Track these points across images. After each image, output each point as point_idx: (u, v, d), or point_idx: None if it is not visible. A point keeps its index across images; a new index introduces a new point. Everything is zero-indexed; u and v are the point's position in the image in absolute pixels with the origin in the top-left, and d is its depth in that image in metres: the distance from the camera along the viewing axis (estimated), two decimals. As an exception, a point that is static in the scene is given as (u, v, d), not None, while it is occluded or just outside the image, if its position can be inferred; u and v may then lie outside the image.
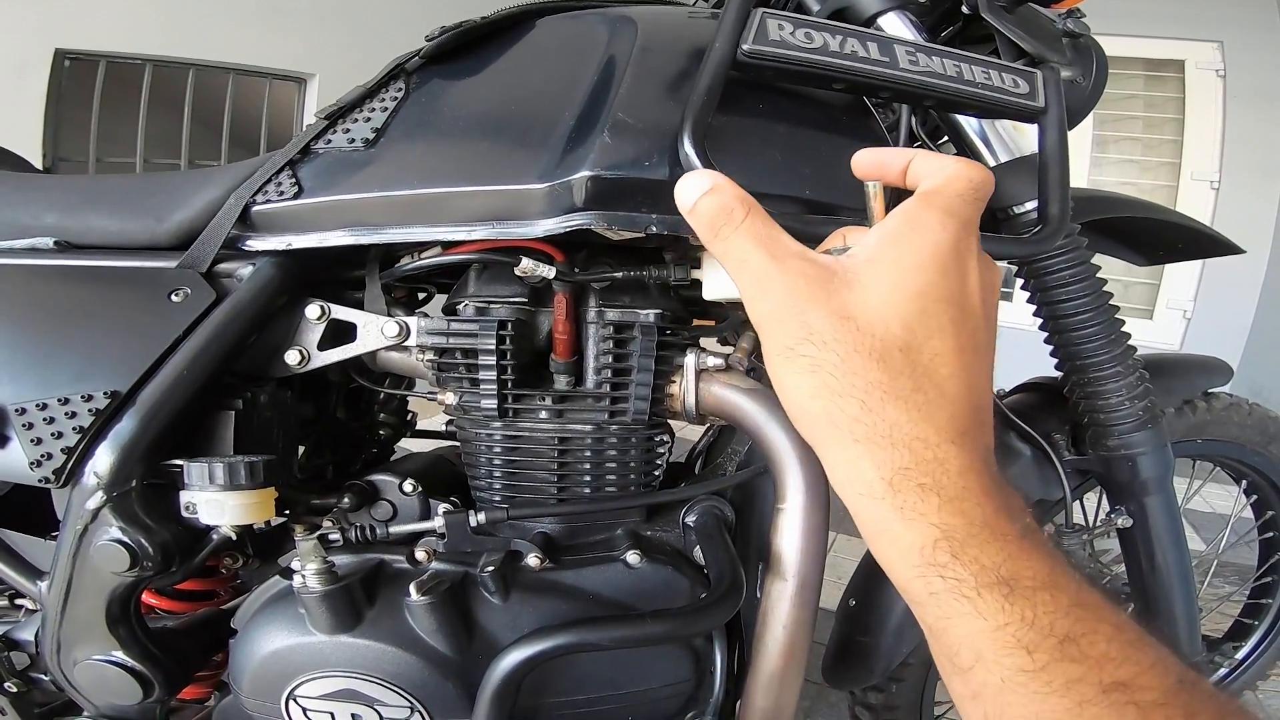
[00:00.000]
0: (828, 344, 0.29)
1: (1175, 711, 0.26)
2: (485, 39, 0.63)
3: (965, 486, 0.29)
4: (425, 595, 0.49)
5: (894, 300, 0.30)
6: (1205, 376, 0.90)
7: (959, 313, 0.31)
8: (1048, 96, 0.53)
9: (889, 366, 0.29)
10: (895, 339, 0.29)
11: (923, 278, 0.30)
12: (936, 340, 0.30)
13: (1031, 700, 0.27)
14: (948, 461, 0.29)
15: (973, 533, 0.28)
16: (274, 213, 0.56)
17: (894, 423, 0.29)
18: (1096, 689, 0.26)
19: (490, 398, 0.55)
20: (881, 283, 0.30)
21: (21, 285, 0.59)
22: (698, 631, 0.55)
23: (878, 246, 0.31)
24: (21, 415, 0.52)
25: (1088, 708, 0.26)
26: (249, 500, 0.50)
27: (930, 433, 0.29)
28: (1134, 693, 0.26)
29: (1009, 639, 0.27)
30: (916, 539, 0.28)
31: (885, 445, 0.29)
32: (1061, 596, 0.28)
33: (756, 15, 0.49)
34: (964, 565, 0.28)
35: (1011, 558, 0.28)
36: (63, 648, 0.56)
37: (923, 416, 0.29)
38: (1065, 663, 0.26)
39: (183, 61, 2.35)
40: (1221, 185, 3.42)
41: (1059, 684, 0.26)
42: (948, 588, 0.28)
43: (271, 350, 0.58)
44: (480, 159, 0.54)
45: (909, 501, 0.28)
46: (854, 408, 0.29)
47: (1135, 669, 0.27)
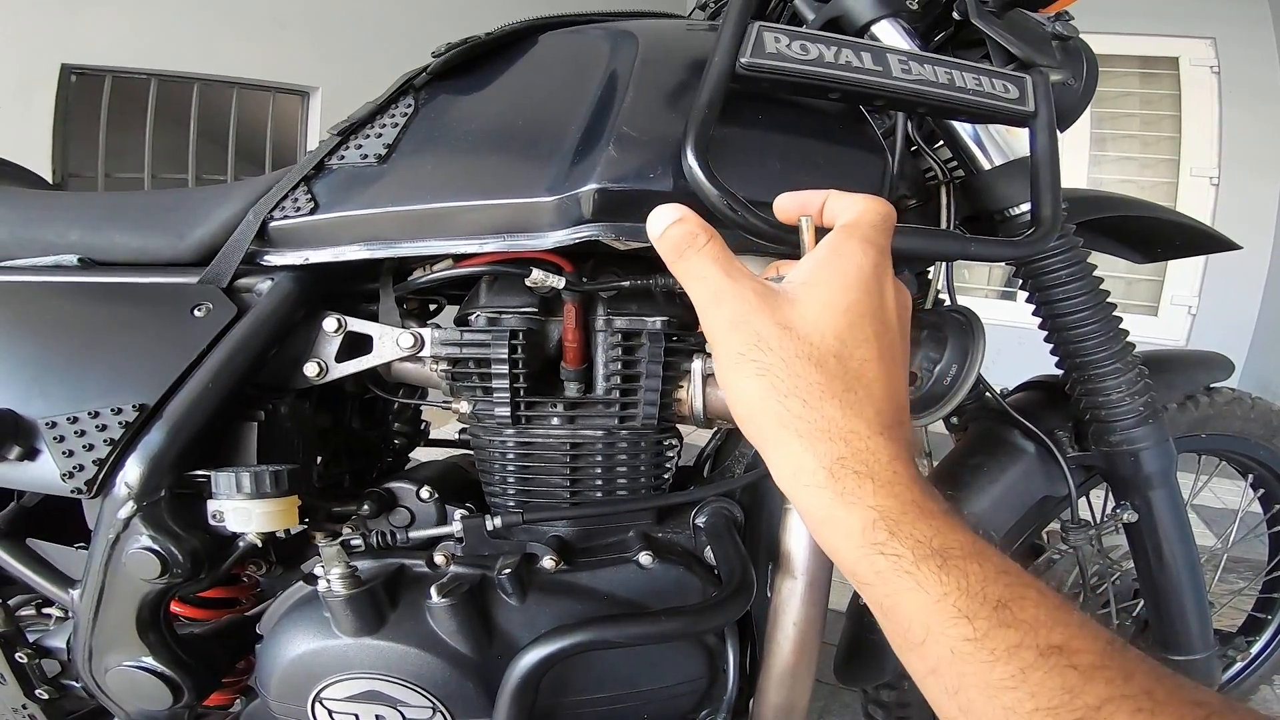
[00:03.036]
0: (773, 350, 0.34)
1: (1114, 673, 0.27)
2: (490, 55, 0.65)
3: (895, 472, 0.33)
4: (446, 597, 0.51)
5: (827, 315, 0.34)
6: (1207, 372, 0.91)
7: (881, 326, 0.35)
8: (1037, 101, 0.54)
9: (825, 370, 0.34)
10: (830, 347, 0.34)
11: (850, 296, 0.35)
12: (863, 349, 0.35)
13: (980, 669, 0.29)
14: (878, 451, 0.33)
15: (905, 511, 0.32)
16: (291, 228, 0.58)
17: (831, 418, 0.33)
18: (1035, 653, 0.28)
19: (503, 405, 0.57)
20: (816, 300, 0.35)
21: (49, 302, 0.61)
22: (710, 628, 0.56)
23: (811, 271, 0.36)
24: (52, 429, 0.54)
25: (1031, 673, 0.28)
26: (274, 508, 0.52)
27: (862, 426, 0.33)
28: (1071, 655, 0.28)
29: (950, 609, 0.30)
30: (857, 521, 0.32)
31: (824, 439, 0.33)
32: (988, 564, 0.31)
33: (754, 29, 0.51)
34: (901, 541, 0.31)
35: (940, 532, 0.31)
36: (94, 654, 0.58)
37: (855, 413, 0.33)
38: (1003, 629, 0.29)
39: (188, 76, 2.38)
40: (1221, 181, 3.42)
41: (1001, 651, 0.28)
42: (890, 565, 0.31)
43: (291, 362, 0.60)
44: (490, 173, 0.55)
45: (848, 488, 0.32)
46: (797, 406, 0.33)
47: (1067, 632, 0.29)
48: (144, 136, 2.30)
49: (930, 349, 0.62)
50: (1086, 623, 0.29)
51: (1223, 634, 1.10)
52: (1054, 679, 0.27)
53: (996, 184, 0.64)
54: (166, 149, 2.37)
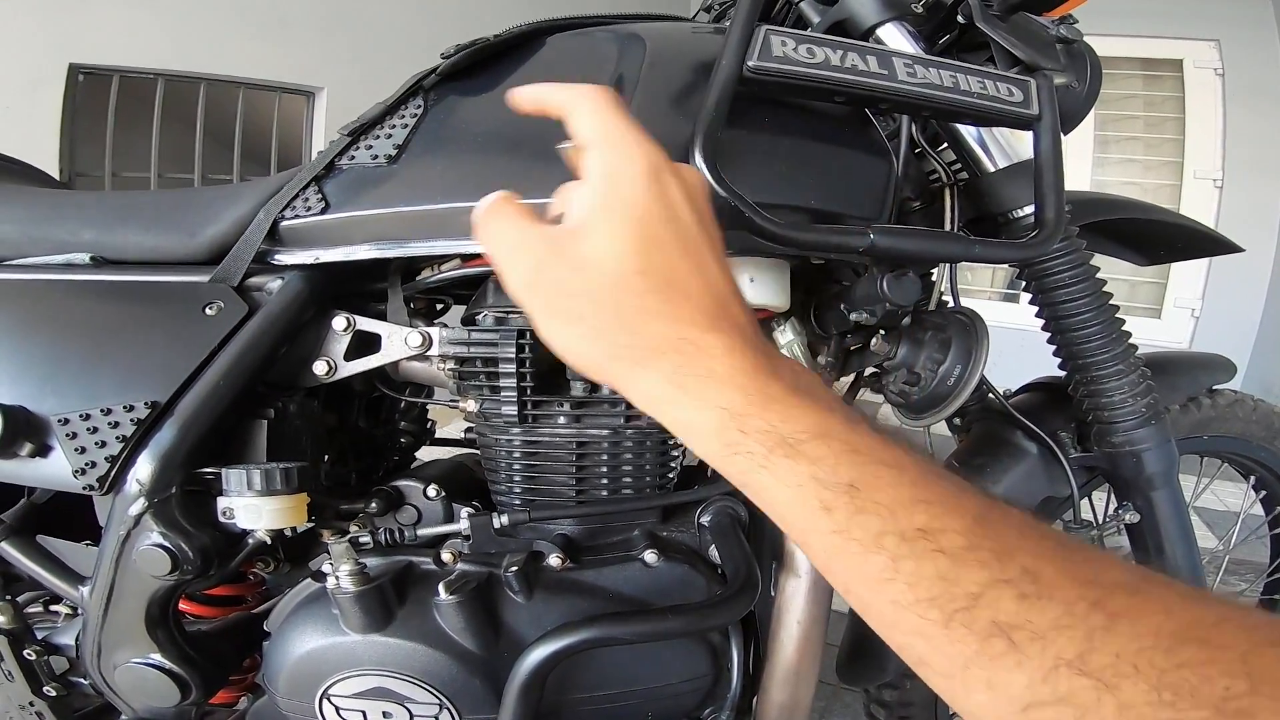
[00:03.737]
0: (577, 294, 0.33)
1: (986, 554, 0.25)
2: (498, 56, 0.65)
3: (732, 365, 0.31)
4: (453, 594, 0.51)
5: (620, 233, 0.33)
6: (1209, 373, 0.91)
7: (671, 224, 0.34)
8: (1041, 104, 0.55)
9: (634, 290, 0.33)
10: (630, 266, 0.33)
11: (632, 210, 0.33)
12: (662, 254, 0.33)
13: (856, 562, 0.27)
14: (712, 348, 0.32)
15: (750, 403, 0.30)
16: (302, 228, 0.58)
17: (657, 334, 0.32)
18: (898, 539, 0.26)
19: (510, 404, 0.57)
20: (605, 223, 0.33)
21: (61, 300, 0.61)
22: (715, 625, 0.56)
23: (591, 196, 0.34)
24: (65, 425, 0.55)
25: (902, 562, 0.26)
26: (284, 505, 0.52)
27: (688, 329, 0.32)
28: (937, 538, 0.26)
29: (810, 500, 0.28)
30: (710, 423, 0.31)
31: (657, 355, 0.32)
32: (835, 442, 0.29)
33: (760, 32, 0.51)
34: (751, 436, 0.30)
35: (786, 418, 0.30)
36: (103, 651, 0.58)
37: (678, 317, 0.32)
38: (861, 515, 0.27)
39: (194, 76, 2.40)
40: (1224, 183, 3.42)
41: (868, 540, 0.27)
42: (748, 463, 0.30)
43: (300, 361, 0.60)
44: (499, 174, 0.56)
45: (695, 393, 0.31)
46: (623, 337, 0.32)
47: (930, 511, 0.27)
48: (150, 136, 2.31)
49: (934, 350, 0.62)
50: (951, 497, 0.27)
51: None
52: (925, 566, 0.26)
53: (1000, 187, 0.64)
54: (173, 148, 2.38)
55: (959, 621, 0.25)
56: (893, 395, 0.67)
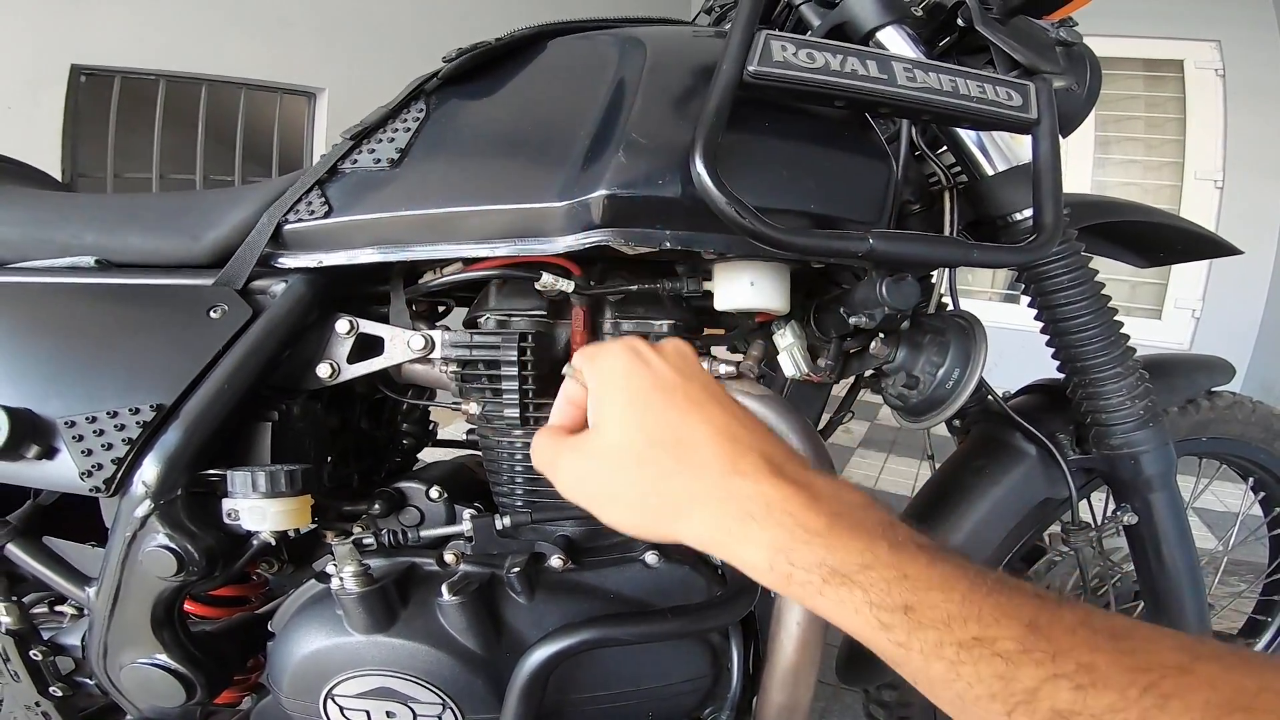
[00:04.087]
0: (604, 479, 0.38)
1: (1041, 654, 0.28)
2: (500, 60, 0.65)
3: (767, 504, 0.34)
4: (456, 595, 0.52)
5: (622, 420, 0.38)
6: (1208, 375, 0.92)
7: (665, 393, 0.38)
8: (1040, 108, 0.55)
9: (649, 460, 0.37)
10: (640, 442, 0.37)
11: (626, 391, 0.39)
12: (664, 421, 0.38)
13: (921, 668, 0.30)
14: (739, 491, 0.34)
15: (794, 538, 0.33)
16: (305, 231, 0.59)
17: (684, 489, 0.36)
18: (956, 648, 0.29)
19: (512, 407, 0.58)
20: (609, 417, 0.39)
21: (66, 303, 0.62)
22: (715, 626, 0.57)
23: (593, 401, 0.40)
24: (71, 428, 0.55)
25: (962, 666, 0.29)
26: (289, 507, 0.53)
27: (712, 479, 0.35)
28: (992, 645, 0.28)
29: (871, 621, 0.31)
30: (761, 559, 0.33)
31: (692, 507, 0.35)
32: (883, 571, 0.31)
33: (761, 37, 0.51)
34: (801, 569, 0.32)
35: (831, 550, 0.32)
36: (109, 651, 0.59)
37: (698, 471, 0.36)
38: (920, 630, 0.30)
39: (196, 77, 2.40)
40: (1225, 184, 3.42)
41: (928, 650, 0.29)
42: (808, 591, 0.32)
43: (304, 364, 0.61)
44: (501, 178, 0.56)
45: (736, 533, 0.34)
46: (655, 500, 0.36)
47: (981, 623, 0.29)
48: (152, 137, 2.32)
49: (933, 353, 0.63)
50: (1000, 607, 0.30)
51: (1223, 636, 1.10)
52: (985, 668, 0.28)
53: (999, 190, 0.64)
54: (174, 149, 2.39)
55: (1021, 712, 0.27)
56: (892, 398, 0.67)
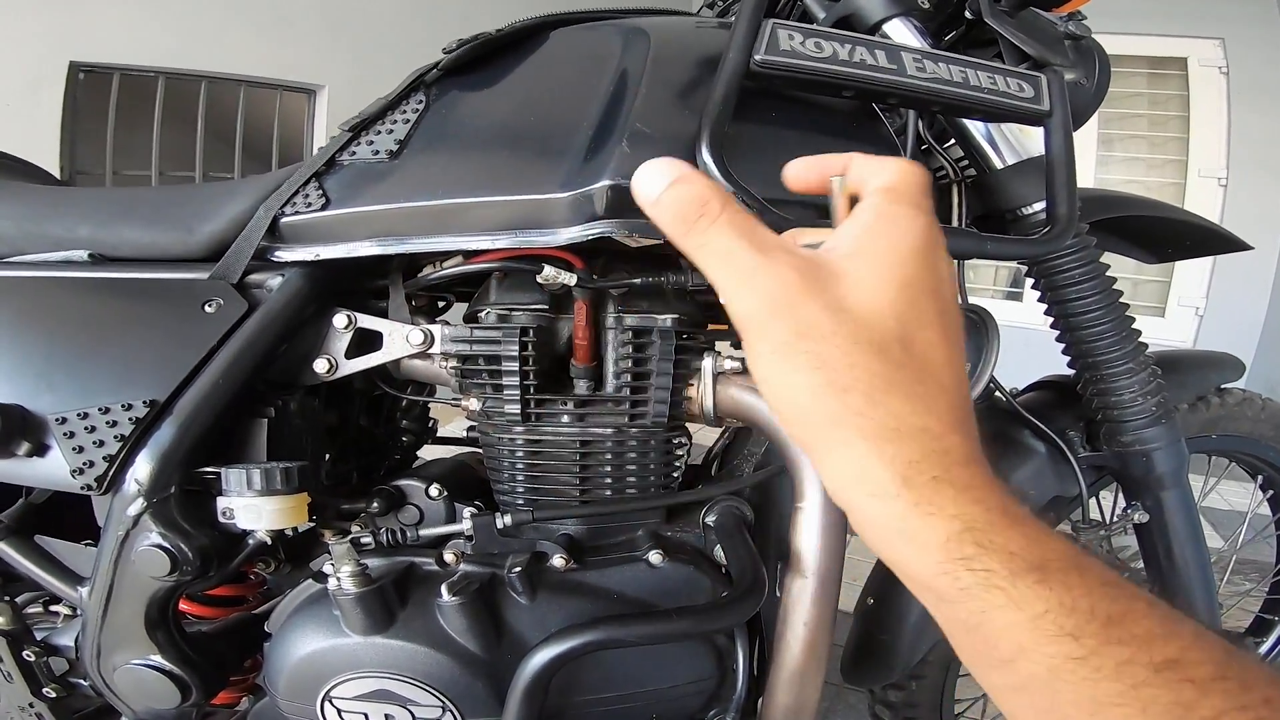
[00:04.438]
0: (825, 337, 0.28)
1: (1233, 684, 0.25)
2: (501, 51, 0.64)
3: (973, 475, 0.28)
4: (456, 596, 0.51)
5: (885, 292, 0.29)
6: (1218, 372, 0.91)
7: (942, 304, 0.30)
8: (1052, 99, 0.54)
9: (889, 359, 0.28)
10: (891, 331, 0.29)
11: (907, 270, 0.30)
12: (927, 331, 0.30)
13: (1083, 686, 0.26)
14: (954, 451, 0.28)
15: (992, 520, 0.27)
16: (302, 224, 0.58)
17: (900, 415, 0.28)
18: (1148, 669, 0.25)
19: (513, 403, 0.57)
20: (870, 275, 0.29)
21: (59, 297, 0.61)
22: (722, 627, 0.56)
23: (858, 240, 0.30)
24: (62, 424, 0.54)
25: (1143, 689, 0.25)
26: (285, 505, 0.52)
27: (934, 423, 0.28)
28: (1187, 669, 0.25)
29: (1051, 626, 0.26)
30: (937, 534, 0.27)
31: (892, 438, 0.28)
32: (1090, 575, 0.27)
33: (768, 26, 0.50)
34: (991, 555, 0.27)
35: (1035, 542, 0.27)
36: (103, 652, 0.58)
37: (925, 408, 0.28)
38: (1112, 645, 0.26)
39: (195, 74, 2.39)
40: (1229, 181, 3.41)
41: (1109, 668, 0.26)
42: (977, 580, 0.27)
43: (301, 359, 0.59)
44: (502, 169, 0.55)
45: (924, 496, 0.28)
46: (859, 402, 0.28)
47: (1181, 645, 0.26)
48: (151, 134, 2.31)
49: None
50: (1202, 633, 0.27)
51: (1230, 635, 1.09)
52: (1167, 694, 0.25)
53: (1009, 183, 0.63)
54: (173, 146, 2.38)
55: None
56: (900, 394, 0.66)
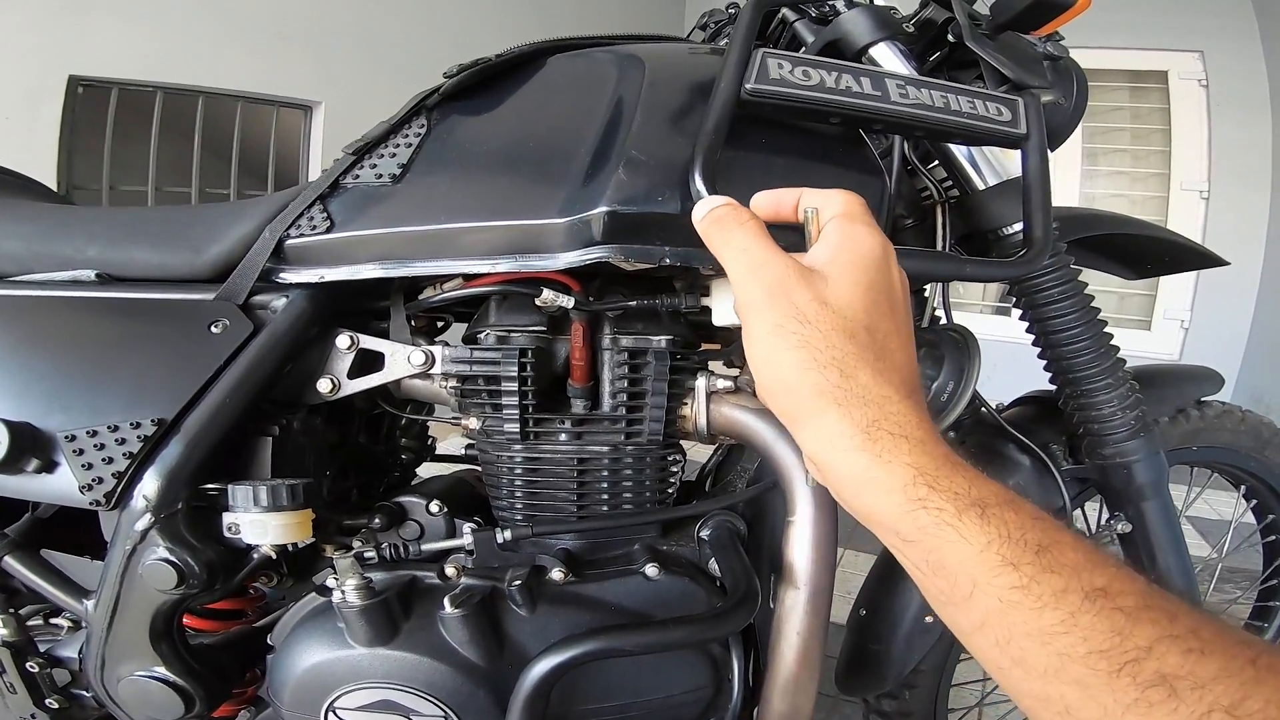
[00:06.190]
0: (811, 322, 0.36)
1: (1159, 614, 0.28)
2: (500, 76, 0.66)
3: (923, 434, 0.35)
4: (458, 608, 0.52)
5: (855, 291, 0.37)
6: (1197, 385, 0.93)
7: (894, 301, 0.39)
8: (1029, 123, 0.56)
9: (858, 342, 0.36)
10: (860, 321, 0.36)
11: (870, 275, 0.38)
12: (885, 322, 0.37)
13: (1030, 616, 0.29)
14: (908, 414, 0.35)
15: (939, 466, 0.33)
16: (307, 246, 0.59)
17: (866, 386, 0.35)
18: (1081, 596, 0.29)
19: (512, 422, 0.58)
20: (845, 278, 0.37)
21: (67, 317, 0.62)
22: (717, 636, 0.57)
23: (831, 253, 0.38)
24: (71, 442, 0.55)
25: (1080, 616, 0.28)
26: (290, 521, 0.53)
27: (891, 392, 0.36)
28: (1115, 598, 0.28)
29: (995, 558, 0.30)
30: (898, 479, 0.33)
31: (860, 404, 0.35)
32: (1023, 511, 0.32)
33: (758, 56, 0.53)
34: (941, 495, 0.32)
35: (974, 483, 0.33)
36: (107, 664, 0.58)
37: (885, 380, 0.36)
38: (1048, 574, 0.30)
39: (192, 89, 2.40)
40: (1211, 194, 3.46)
41: (1049, 596, 0.29)
42: (932, 519, 0.32)
43: (305, 379, 0.61)
44: (501, 194, 0.57)
45: (885, 448, 0.34)
46: (835, 376, 0.35)
47: (1107, 574, 0.29)
48: (149, 148, 2.32)
49: (927, 366, 0.64)
50: (1123, 567, 0.30)
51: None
52: (1103, 621, 0.28)
53: (990, 204, 0.65)
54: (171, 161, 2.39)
55: (1126, 672, 0.27)
56: (888, 409, 0.68)
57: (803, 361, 0.35)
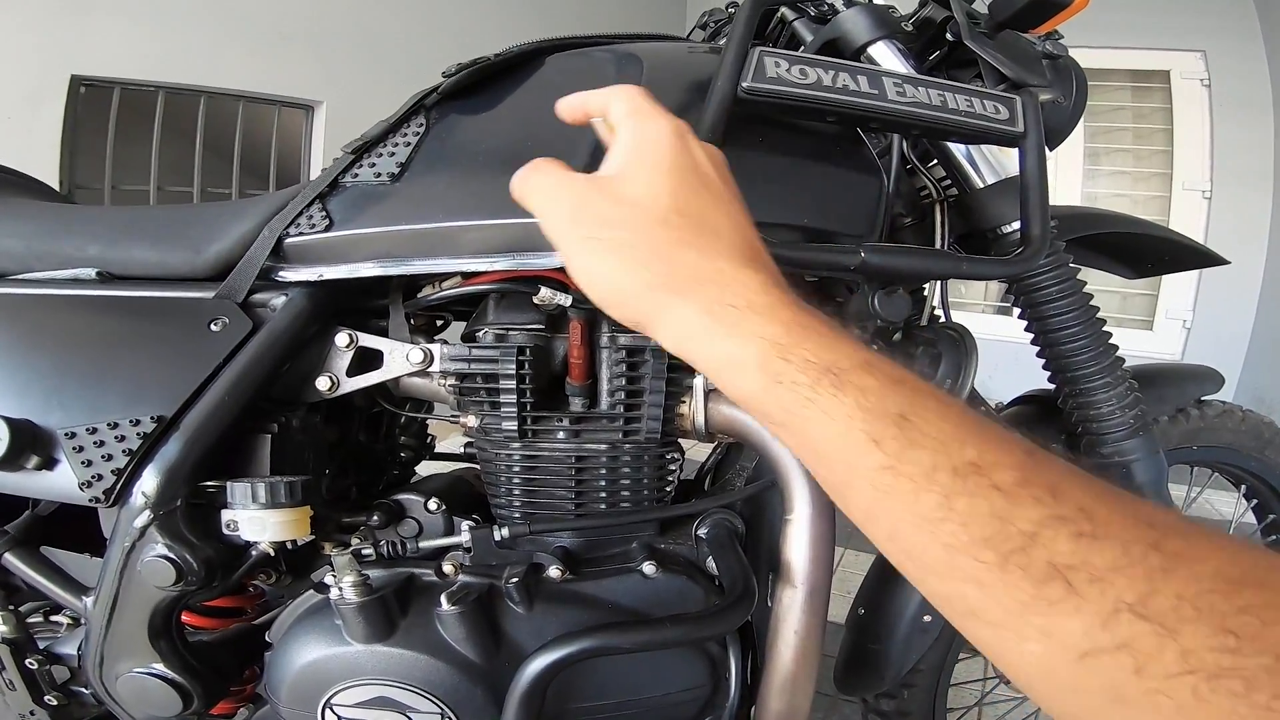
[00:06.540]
0: (618, 223, 0.35)
1: (1040, 490, 0.24)
2: (499, 75, 0.66)
3: (770, 300, 0.33)
4: (455, 605, 0.52)
5: (655, 180, 0.36)
6: (1197, 385, 0.93)
7: (703, 177, 0.37)
8: (1027, 122, 0.56)
9: (671, 225, 0.35)
10: (666, 206, 0.35)
11: (667, 160, 0.37)
12: (697, 199, 0.36)
13: (908, 502, 0.26)
14: (749, 282, 0.33)
15: (791, 333, 0.31)
16: (306, 245, 0.59)
17: (694, 264, 0.34)
18: (951, 474, 0.25)
19: (510, 420, 0.58)
20: (641, 172, 0.36)
21: (68, 315, 0.62)
22: (712, 635, 0.57)
23: (626, 152, 0.38)
24: (71, 439, 0.55)
25: (955, 499, 0.25)
26: (288, 518, 0.53)
27: (724, 264, 0.34)
28: (989, 472, 0.25)
29: (857, 433, 0.28)
30: (751, 354, 0.31)
31: (695, 285, 0.33)
32: (879, 373, 0.29)
33: (755, 54, 0.53)
34: (795, 366, 0.30)
35: (828, 348, 0.30)
36: (106, 661, 0.59)
37: (714, 253, 0.34)
38: (912, 449, 0.26)
39: (194, 89, 2.41)
40: (1213, 194, 3.45)
41: (919, 476, 0.26)
42: (793, 396, 0.30)
43: (303, 376, 0.61)
44: (500, 193, 0.56)
45: (731, 325, 0.32)
46: (660, 265, 0.34)
47: (980, 445, 0.26)
48: (150, 148, 2.32)
49: (925, 365, 0.64)
50: (997, 433, 0.27)
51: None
52: (980, 503, 0.25)
53: (989, 202, 0.65)
54: (172, 161, 2.39)
55: (1015, 563, 0.24)
56: (886, 407, 0.68)
57: (622, 263, 0.34)
